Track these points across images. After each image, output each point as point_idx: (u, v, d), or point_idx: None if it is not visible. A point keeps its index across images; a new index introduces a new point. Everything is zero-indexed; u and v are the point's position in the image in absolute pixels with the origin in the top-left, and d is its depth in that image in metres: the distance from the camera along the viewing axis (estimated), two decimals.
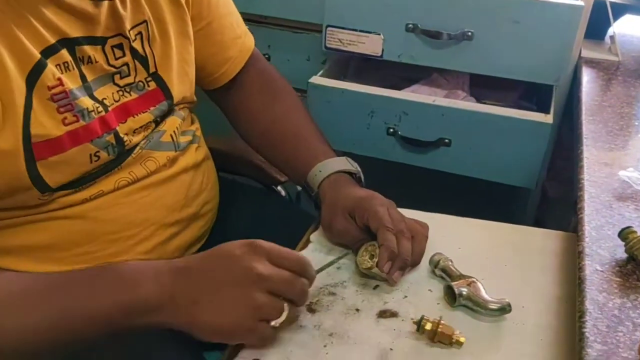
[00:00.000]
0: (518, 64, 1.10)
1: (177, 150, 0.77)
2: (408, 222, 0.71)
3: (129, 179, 0.72)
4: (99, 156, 0.67)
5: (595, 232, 0.66)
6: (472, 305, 0.64)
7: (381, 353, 0.60)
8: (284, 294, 0.58)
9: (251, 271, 0.56)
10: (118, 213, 0.71)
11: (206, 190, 0.83)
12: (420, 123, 1.11)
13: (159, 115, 0.74)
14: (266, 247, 0.58)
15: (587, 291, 0.56)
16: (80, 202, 0.68)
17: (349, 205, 0.73)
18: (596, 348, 0.50)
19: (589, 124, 0.92)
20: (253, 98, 0.89)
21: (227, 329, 0.57)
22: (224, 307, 0.56)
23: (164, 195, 0.75)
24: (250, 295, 0.56)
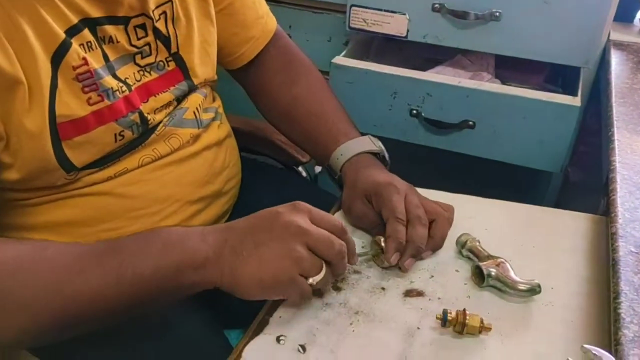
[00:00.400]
0: (546, 45, 1.08)
1: (200, 127, 0.77)
2: (429, 206, 0.69)
3: (153, 156, 0.71)
4: (124, 135, 0.66)
5: (628, 214, 0.64)
6: (501, 285, 0.63)
7: (408, 332, 0.60)
8: (322, 252, 0.58)
9: (292, 224, 0.57)
10: (142, 189, 0.70)
11: (229, 167, 0.82)
12: (444, 104, 1.09)
13: (180, 95, 0.74)
14: (308, 207, 0.60)
15: (622, 272, 0.55)
16: (105, 179, 0.68)
17: (367, 189, 0.72)
18: (632, 329, 0.49)
19: (620, 107, 0.90)
20: (274, 76, 0.88)
21: (268, 280, 0.56)
22: (266, 259, 0.56)
23: (187, 172, 0.75)
24: (291, 247, 0.56)
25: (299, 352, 0.57)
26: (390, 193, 0.69)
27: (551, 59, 1.10)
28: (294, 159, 1.02)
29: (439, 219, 0.69)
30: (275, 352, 0.58)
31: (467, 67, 1.20)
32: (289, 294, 0.59)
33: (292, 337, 0.59)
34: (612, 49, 1.15)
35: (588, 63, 1.08)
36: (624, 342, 0.48)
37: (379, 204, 0.69)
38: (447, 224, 0.70)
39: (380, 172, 0.75)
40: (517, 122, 1.06)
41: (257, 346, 0.59)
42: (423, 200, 0.70)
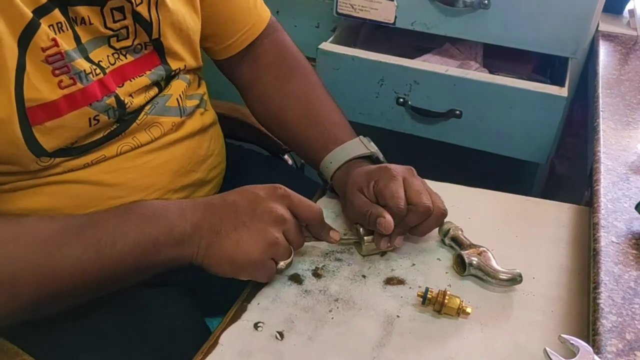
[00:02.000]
0: (534, 35, 1.07)
1: (183, 115, 0.75)
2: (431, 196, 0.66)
3: (132, 145, 0.69)
4: (99, 119, 0.64)
5: (611, 205, 0.64)
6: (482, 275, 0.63)
7: (387, 319, 0.59)
8: (293, 241, 0.61)
9: (272, 211, 0.59)
10: (122, 178, 0.69)
11: (213, 155, 0.80)
12: (431, 93, 1.08)
13: (157, 80, 0.71)
14: (287, 193, 0.61)
15: (603, 263, 0.55)
16: (81, 166, 0.66)
17: (360, 182, 0.69)
18: (611, 319, 0.49)
19: (606, 97, 0.90)
20: (267, 71, 0.85)
21: (242, 261, 0.58)
22: (242, 239, 0.58)
23: (169, 160, 0.73)
24: (269, 231, 0.58)
25: (277, 339, 0.57)
26: (387, 180, 0.65)
27: (539, 48, 1.09)
28: (279, 146, 1.00)
29: (433, 212, 0.65)
30: (252, 339, 0.57)
31: (455, 56, 1.19)
32: (258, 275, 0.61)
33: (270, 324, 0.58)
34: (601, 40, 1.15)
35: (576, 53, 1.08)
36: (602, 332, 0.47)
37: (377, 192, 0.66)
38: (437, 220, 0.66)
39: (371, 165, 0.72)
40: (503, 112, 1.05)
41: (234, 332, 0.58)
42: (424, 184, 0.67)
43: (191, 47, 0.76)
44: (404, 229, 0.65)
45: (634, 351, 0.46)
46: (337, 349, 0.56)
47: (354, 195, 0.67)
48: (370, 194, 0.66)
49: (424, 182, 0.68)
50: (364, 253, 0.67)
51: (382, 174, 0.66)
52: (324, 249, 0.68)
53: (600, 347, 0.47)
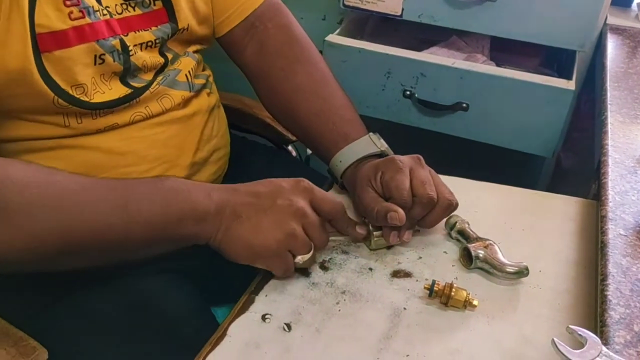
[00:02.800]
0: (542, 27, 1.07)
1: (192, 90, 0.76)
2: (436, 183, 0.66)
3: (145, 114, 0.71)
4: (104, 59, 0.65)
5: (619, 197, 0.64)
6: (489, 267, 0.63)
7: (394, 312, 0.59)
8: (313, 236, 0.61)
9: (294, 204, 0.59)
10: (132, 147, 0.70)
11: (217, 137, 0.81)
12: (438, 86, 1.08)
13: (161, 37, 0.72)
14: (310, 187, 0.61)
15: (611, 255, 0.55)
16: (94, 131, 0.67)
17: (367, 176, 0.68)
18: (619, 311, 0.49)
19: (614, 91, 0.89)
20: (274, 60, 0.84)
21: (259, 247, 0.59)
22: (262, 227, 0.58)
23: (176, 135, 0.74)
24: (288, 223, 0.59)
25: (284, 331, 0.57)
26: (393, 172, 0.65)
27: (547, 41, 1.09)
28: (284, 137, 1.00)
29: (439, 203, 0.65)
30: (260, 330, 0.57)
31: (462, 49, 1.19)
32: (274, 266, 0.60)
33: (277, 316, 0.59)
34: (609, 33, 1.14)
35: (584, 47, 1.07)
36: (610, 323, 0.47)
37: (383, 184, 0.66)
38: (445, 211, 0.66)
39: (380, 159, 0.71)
40: (510, 105, 1.05)
41: (242, 324, 0.58)
42: (431, 173, 0.67)
43: (197, 12, 0.76)
44: (411, 222, 0.65)
45: None
46: (344, 341, 0.56)
47: (362, 191, 0.67)
48: (378, 185, 0.66)
49: (431, 172, 0.67)
50: (373, 247, 0.67)
51: (389, 165, 0.66)
52: (330, 242, 0.68)
53: (608, 338, 0.47)
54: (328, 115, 0.77)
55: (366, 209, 0.66)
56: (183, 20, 0.74)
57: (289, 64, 0.82)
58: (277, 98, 0.83)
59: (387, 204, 0.64)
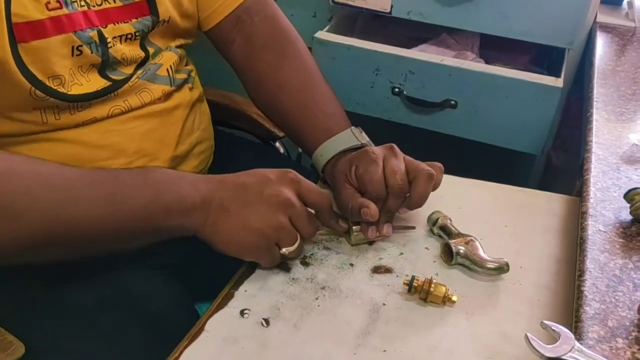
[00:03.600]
0: (531, 25, 1.06)
1: (173, 85, 0.76)
2: (410, 165, 0.65)
3: (123, 108, 0.70)
4: (82, 51, 0.65)
5: (600, 194, 0.64)
6: (470, 264, 0.63)
7: (373, 307, 0.59)
8: (300, 227, 0.61)
9: (281, 195, 0.59)
10: (110, 140, 0.70)
11: (199, 130, 0.81)
12: (427, 83, 1.08)
13: (141, 30, 0.72)
14: (297, 178, 0.61)
15: (589, 251, 0.54)
16: (73, 125, 0.67)
17: (343, 171, 0.68)
18: (594, 307, 0.49)
19: (601, 88, 0.89)
20: (261, 53, 0.84)
21: (247, 242, 0.59)
22: (250, 222, 0.59)
23: (157, 128, 0.74)
24: (275, 215, 0.59)
25: (262, 326, 0.57)
26: (366, 164, 0.65)
27: (536, 39, 1.08)
28: (271, 133, 1.00)
29: (419, 176, 0.64)
30: (238, 326, 0.57)
31: (451, 47, 1.19)
32: (261, 258, 0.61)
33: (256, 311, 0.58)
34: (599, 31, 1.14)
35: (572, 44, 1.07)
36: (584, 318, 0.47)
37: (357, 178, 0.66)
38: (427, 182, 0.64)
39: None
40: (499, 103, 1.05)
41: (220, 319, 0.58)
42: (405, 159, 0.66)
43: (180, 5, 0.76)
44: (389, 215, 0.65)
45: (615, 338, 0.46)
46: (322, 336, 0.56)
47: (340, 187, 0.68)
48: (353, 179, 0.66)
49: (406, 158, 0.66)
50: (353, 243, 0.67)
51: (362, 158, 0.66)
52: (312, 237, 0.67)
53: (582, 333, 0.47)
54: (311, 110, 0.77)
55: (342, 205, 0.67)
56: (164, 12, 0.74)
57: (275, 58, 0.82)
58: (263, 92, 0.83)
59: (361, 199, 0.64)
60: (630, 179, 0.67)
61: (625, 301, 0.50)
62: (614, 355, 0.45)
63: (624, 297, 0.50)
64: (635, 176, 0.67)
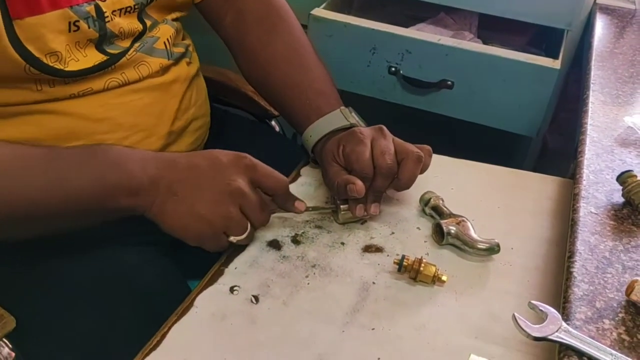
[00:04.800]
0: (530, 5, 1.05)
1: (170, 58, 0.75)
2: (399, 146, 0.65)
3: (120, 81, 0.70)
4: (79, 26, 0.64)
5: (593, 176, 0.63)
6: (460, 244, 0.63)
7: (363, 286, 0.59)
8: (250, 217, 0.60)
9: (232, 183, 0.58)
10: (107, 113, 0.69)
11: (196, 105, 0.80)
12: (423, 63, 1.06)
13: (140, 2, 0.70)
14: (252, 164, 0.60)
15: (580, 232, 0.54)
16: (67, 96, 0.66)
17: (331, 150, 0.68)
18: (583, 288, 0.49)
19: (598, 70, 0.88)
20: (251, 29, 0.83)
21: (193, 229, 0.59)
22: (197, 209, 0.58)
23: (154, 103, 0.73)
24: (225, 204, 0.58)
25: (252, 303, 0.57)
26: (354, 144, 0.65)
27: (534, 20, 1.07)
28: (266, 111, 0.99)
29: (407, 158, 0.64)
30: (227, 302, 0.57)
31: (449, 26, 1.17)
32: (207, 245, 0.61)
33: (246, 288, 0.58)
34: (598, 13, 1.13)
35: (571, 25, 1.06)
36: (572, 299, 0.47)
37: (344, 157, 0.66)
38: (416, 164, 0.64)
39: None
40: (495, 84, 1.04)
41: (209, 295, 0.58)
42: (394, 141, 0.66)
43: None
44: (377, 194, 0.65)
45: (602, 319, 0.46)
46: (311, 314, 0.56)
47: (327, 165, 0.67)
48: (341, 159, 0.66)
49: (395, 140, 0.66)
50: (341, 221, 0.66)
51: (350, 138, 0.66)
52: (304, 217, 0.67)
53: (569, 314, 0.47)
54: (302, 88, 0.76)
55: (329, 183, 0.66)
56: None
57: (266, 33, 0.81)
58: (253, 68, 0.82)
59: (347, 176, 0.64)
60: (624, 161, 0.66)
61: (614, 283, 0.50)
62: (600, 336, 0.45)
63: (612, 278, 0.50)
64: (629, 159, 0.67)
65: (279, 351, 0.52)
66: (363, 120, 0.73)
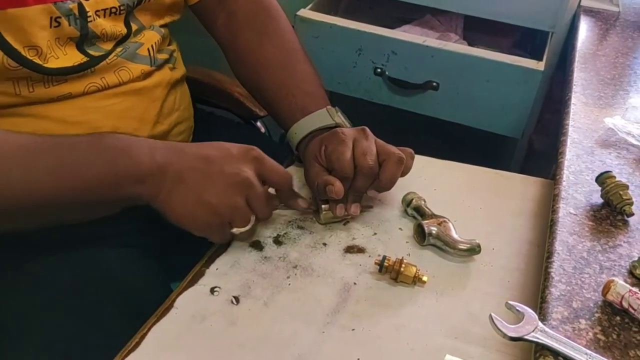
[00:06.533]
0: (515, 8, 1.06)
1: (153, 65, 0.75)
2: (381, 148, 0.65)
3: (100, 85, 0.69)
4: (60, 22, 0.63)
5: (573, 177, 0.64)
6: (442, 244, 0.63)
7: (344, 286, 0.59)
8: (256, 209, 0.60)
9: (241, 174, 0.58)
10: (86, 117, 0.68)
11: (180, 110, 0.80)
12: (409, 64, 1.07)
13: (126, 4, 0.70)
14: (260, 156, 0.60)
15: (558, 233, 0.55)
16: (46, 100, 0.65)
17: (313, 150, 0.68)
18: (560, 288, 0.49)
19: (581, 72, 0.89)
20: (242, 30, 0.83)
21: (200, 218, 0.58)
22: (205, 199, 0.57)
23: (134, 107, 0.72)
24: (232, 195, 0.58)
25: (232, 304, 0.57)
26: (335, 144, 0.65)
27: (519, 21, 1.08)
28: (252, 112, 0.99)
29: (389, 159, 0.64)
30: (207, 303, 0.57)
31: (435, 28, 1.18)
32: (211, 235, 0.61)
33: (226, 289, 0.58)
34: (582, 15, 1.14)
35: (555, 28, 1.07)
36: (549, 299, 0.48)
37: (326, 157, 0.66)
38: (397, 166, 0.64)
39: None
40: (480, 85, 1.04)
41: (189, 296, 0.58)
42: (376, 142, 0.66)
43: None
44: (357, 194, 0.65)
45: (578, 319, 0.47)
46: (291, 315, 0.56)
47: (309, 166, 0.67)
48: (323, 159, 0.66)
49: (377, 141, 0.66)
50: (323, 222, 0.66)
51: (331, 138, 0.66)
52: (287, 217, 0.67)
53: (546, 314, 0.47)
54: (289, 88, 0.76)
55: (310, 183, 0.67)
56: None
57: (257, 35, 0.81)
58: (244, 69, 0.83)
59: (327, 177, 0.64)
60: (603, 162, 0.67)
61: (591, 283, 0.50)
62: (576, 335, 0.45)
63: (589, 279, 0.50)
64: (609, 160, 0.67)
65: (259, 352, 0.52)
66: (349, 121, 0.73)
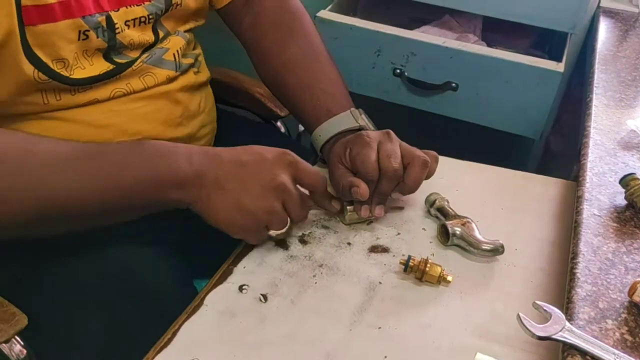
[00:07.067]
0: (534, 8, 1.06)
1: (178, 70, 0.76)
2: (405, 150, 0.66)
3: (125, 90, 0.70)
4: (88, 35, 0.65)
5: (596, 179, 0.64)
6: (465, 245, 0.64)
7: (370, 285, 0.60)
8: (292, 212, 0.61)
9: (277, 179, 0.59)
10: (111, 120, 0.70)
11: (204, 112, 0.81)
12: (428, 65, 1.08)
13: (155, 13, 0.72)
14: (295, 160, 0.61)
15: (583, 234, 0.55)
16: (73, 105, 0.67)
17: (338, 152, 0.69)
18: (586, 288, 0.50)
19: (601, 73, 0.89)
20: (267, 32, 0.84)
21: (238, 222, 0.60)
22: (243, 203, 0.59)
23: (159, 110, 0.74)
24: (269, 199, 0.59)
25: (260, 302, 0.58)
26: (360, 147, 0.65)
27: (538, 22, 1.08)
28: (272, 112, 1.00)
29: (413, 162, 0.64)
30: (236, 301, 0.58)
31: (454, 29, 1.18)
32: (249, 238, 0.63)
33: (254, 287, 0.59)
34: (602, 16, 1.14)
35: (574, 29, 1.07)
36: (576, 300, 0.48)
37: (351, 160, 0.67)
38: (422, 169, 0.65)
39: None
40: (499, 86, 1.05)
41: (219, 294, 0.59)
42: (401, 145, 0.66)
43: None
44: (382, 197, 0.66)
45: (605, 319, 0.47)
46: (318, 313, 0.57)
47: (334, 167, 0.68)
48: (347, 161, 0.67)
49: (402, 145, 0.66)
50: (347, 222, 0.68)
51: (356, 141, 0.66)
52: (311, 216, 0.68)
53: (573, 314, 0.48)
54: (313, 90, 0.77)
55: (335, 184, 0.67)
56: None
57: (282, 37, 0.83)
58: (269, 70, 0.84)
59: (352, 178, 0.65)
60: (626, 164, 0.67)
61: (617, 284, 0.51)
62: (603, 335, 0.46)
63: (615, 279, 0.51)
64: (632, 162, 0.68)
65: (287, 349, 0.53)
66: (372, 123, 0.74)
